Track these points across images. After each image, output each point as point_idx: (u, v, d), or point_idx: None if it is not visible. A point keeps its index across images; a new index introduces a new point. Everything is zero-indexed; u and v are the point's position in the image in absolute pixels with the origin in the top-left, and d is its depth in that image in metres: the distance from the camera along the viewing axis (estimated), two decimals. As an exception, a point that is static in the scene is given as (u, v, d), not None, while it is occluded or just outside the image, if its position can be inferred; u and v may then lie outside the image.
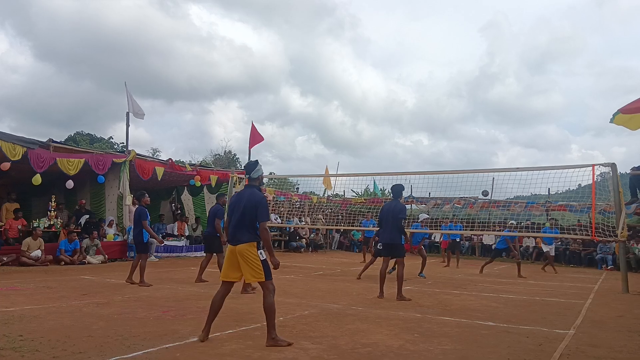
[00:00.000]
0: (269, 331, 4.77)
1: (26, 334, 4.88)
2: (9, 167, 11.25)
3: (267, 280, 4.83)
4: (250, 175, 5.20)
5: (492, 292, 9.73)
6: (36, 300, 7.06)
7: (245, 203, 4.96)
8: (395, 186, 8.78)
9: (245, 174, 5.30)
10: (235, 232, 4.95)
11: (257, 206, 4.91)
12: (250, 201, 4.95)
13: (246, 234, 4.89)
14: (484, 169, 14.26)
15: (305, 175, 20.63)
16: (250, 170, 5.21)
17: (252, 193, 5.05)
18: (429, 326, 6.01)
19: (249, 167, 5.24)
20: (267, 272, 4.85)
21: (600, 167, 10.54)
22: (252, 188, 5.15)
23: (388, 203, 8.82)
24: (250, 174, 5.20)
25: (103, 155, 14.05)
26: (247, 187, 5.21)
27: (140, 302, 7.19)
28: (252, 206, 4.92)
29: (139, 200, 9.47)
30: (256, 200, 4.95)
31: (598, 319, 6.95)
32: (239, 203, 5.03)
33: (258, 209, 4.90)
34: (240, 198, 5.09)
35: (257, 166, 5.26)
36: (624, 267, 10.40)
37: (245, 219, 4.92)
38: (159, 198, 19.05)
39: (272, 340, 4.72)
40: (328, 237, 24.10)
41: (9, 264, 11.46)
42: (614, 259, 16.53)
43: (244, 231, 4.90)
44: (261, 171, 5.31)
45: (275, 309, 4.84)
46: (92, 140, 46.01)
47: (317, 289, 9.42)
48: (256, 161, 5.34)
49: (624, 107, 10.60)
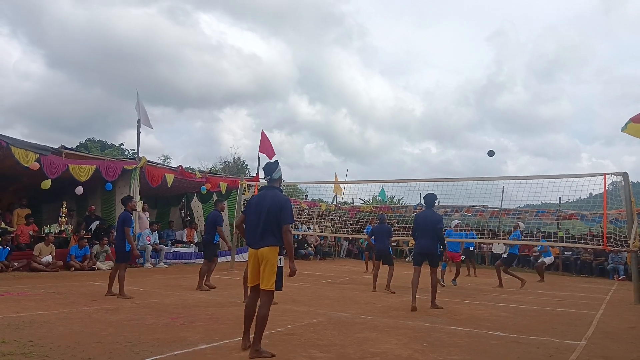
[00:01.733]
0: (255, 342, 4.59)
1: (36, 340, 4.91)
2: (39, 167, 11.34)
3: (275, 290, 4.72)
4: (272, 176, 5.06)
5: (501, 301, 9.65)
6: (46, 305, 7.11)
7: (268, 205, 4.80)
8: (428, 195, 8.60)
9: (265, 175, 5.14)
10: (258, 235, 4.79)
11: (282, 208, 4.77)
12: (273, 203, 4.79)
13: (269, 237, 4.74)
14: (493, 177, 14.15)
15: (314, 182, 20.64)
16: (271, 171, 5.06)
17: (275, 194, 4.89)
18: (438, 336, 5.97)
19: (270, 168, 5.08)
20: (279, 282, 4.71)
21: (612, 176, 10.46)
22: (274, 189, 4.99)
23: (423, 212, 8.62)
24: (272, 175, 5.05)
25: (114, 161, 14.16)
26: (268, 189, 5.03)
27: (149, 308, 7.21)
28: (276, 208, 4.76)
29: (124, 204, 8.86)
30: (280, 202, 4.80)
31: (610, 330, 6.86)
32: (261, 205, 4.85)
33: (282, 210, 4.76)
34: (262, 200, 4.90)
35: (278, 167, 5.11)
36: (636, 277, 10.26)
37: (268, 221, 4.76)
38: (168, 205, 19.16)
39: (256, 353, 4.54)
40: (336, 244, 24.05)
41: (20, 269, 11.55)
42: (626, 269, 16.30)
43: (267, 234, 4.75)
44: (281, 172, 5.15)
45: (267, 321, 4.68)
46: (103, 147, 46.40)
47: (326, 297, 9.40)
48: (276, 162, 5.18)
49: (635, 116, 10.52)
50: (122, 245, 8.51)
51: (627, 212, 10.20)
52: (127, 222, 8.47)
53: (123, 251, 8.51)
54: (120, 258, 8.61)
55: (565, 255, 19.27)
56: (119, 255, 8.65)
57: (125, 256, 8.56)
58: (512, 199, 16.20)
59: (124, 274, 8.41)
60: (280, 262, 4.72)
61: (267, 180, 5.13)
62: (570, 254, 19.14)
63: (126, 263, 8.64)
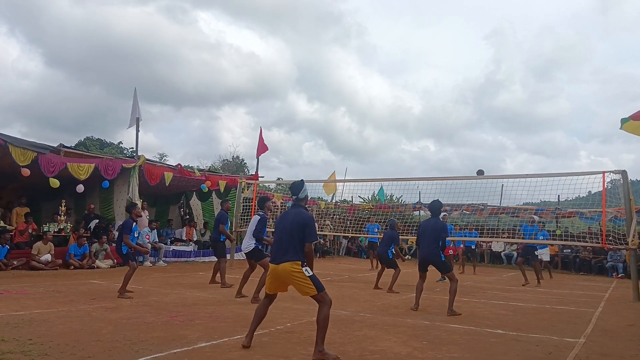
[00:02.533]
0: (317, 344, 4.56)
1: (35, 338, 4.91)
2: (29, 174, 11.33)
3: (320, 292, 4.70)
4: (298, 196, 5.17)
5: (501, 299, 9.67)
6: (46, 304, 7.11)
7: (291, 223, 4.89)
8: (434, 203, 8.42)
9: (291, 195, 5.27)
10: (279, 251, 4.87)
11: (305, 226, 4.84)
12: (296, 221, 4.88)
13: (290, 253, 4.79)
14: (493, 176, 14.18)
15: (314, 181, 20.61)
16: (297, 191, 5.17)
17: (299, 212, 4.99)
18: (438, 334, 5.98)
19: (296, 188, 5.18)
20: (318, 284, 4.73)
21: (611, 174, 10.46)
22: (299, 207, 5.10)
23: (427, 220, 8.44)
24: (298, 195, 5.17)
25: (113, 160, 14.14)
26: (293, 207, 5.16)
27: (149, 307, 7.21)
28: (299, 226, 4.83)
29: (129, 212, 8.98)
30: (304, 219, 4.88)
31: (609, 327, 6.87)
32: (284, 223, 4.97)
33: (305, 229, 4.83)
34: (285, 218, 5.04)
35: (304, 187, 5.20)
36: (634, 275, 10.28)
37: (290, 238, 4.83)
38: (167, 203, 19.15)
39: (320, 354, 4.51)
40: (335, 243, 24.07)
41: (19, 268, 11.54)
42: (625, 266, 16.34)
43: (288, 250, 4.81)
44: (307, 191, 5.29)
45: (328, 322, 4.64)
46: (102, 145, 46.28)
47: (325, 295, 9.38)
48: (302, 181, 5.24)
49: (635, 113, 10.51)
50: (118, 248, 8.64)
51: (626, 210, 10.21)
52: (125, 230, 8.47)
53: (121, 253, 8.68)
54: (123, 259, 8.94)
55: (564, 253, 19.31)
56: (122, 257, 8.87)
57: (125, 258, 8.69)
58: (511, 197, 16.16)
59: (131, 273, 8.40)
60: (308, 272, 4.75)
61: (294, 200, 5.24)
62: (569, 252, 19.18)
63: (134, 262, 8.60)
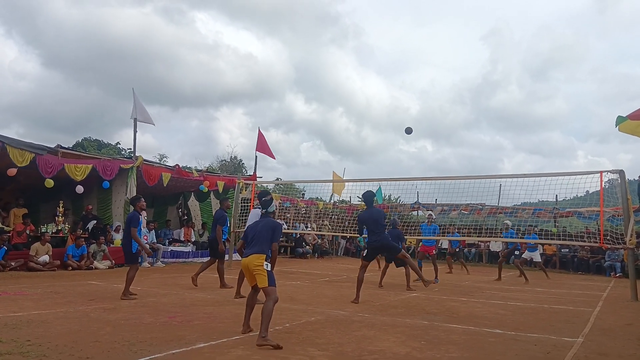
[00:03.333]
0: (261, 331, 4.96)
1: (34, 339, 4.90)
2: (15, 173, 11.31)
3: (270, 287, 5.26)
4: (267, 210, 5.83)
5: (499, 299, 9.68)
6: (44, 305, 7.09)
7: (261, 226, 5.57)
8: (366, 193, 9.02)
9: (262, 209, 5.89)
10: (248, 248, 5.51)
11: (274, 229, 5.55)
12: (266, 225, 5.57)
13: (256, 247, 5.43)
14: (490, 175, 14.18)
15: (312, 181, 20.67)
16: (267, 206, 5.84)
17: (268, 220, 5.69)
18: (436, 333, 5.98)
19: (265, 203, 5.86)
20: (271, 278, 5.32)
21: (609, 174, 10.48)
22: (269, 218, 5.78)
23: (367, 211, 9.00)
24: (267, 209, 5.83)
25: (111, 161, 14.12)
26: (264, 216, 5.82)
27: (147, 307, 7.20)
28: (268, 228, 5.52)
29: (133, 204, 8.63)
30: (274, 224, 5.61)
31: (607, 327, 6.89)
32: (255, 227, 5.61)
33: (274, 231, 5.54)
34: (256, 224, 5.67)
35: (272, 202, 5.90)
36: (632, 274, 10.30)
37: (260, 238, 5.47)
38: (166, 204, 19.11)
39: (262, 339, 4.90)
40: (334, 243, 24.07)
41: (17, 269, 11.51)
42: (623, 266, 16.38)
43: (257, 246, 5.44)
44: (275, 207, 6.07)
45: (271, 315, 5.12)
46: (99, 146, 46.19)
47: (324, 295, 9.40)
48: (271, 198, 5.93)
49: (632, 113, 10.52)
50: (127, 245, 8.33)
51: (624, 209, 10.23)
52: (133, 222, 8.29)
53: (129, 251, 8.34)
54: (127, 259, 8.57)
55: (562, 252, 19.33)
56: (126, 256, 8.60)
57: (133, 257, 8.39)
58: (509, 197, 16.17)
59: (133, 274, 8.26)
60: (267, 267, 5.36)
61: (263, 213, 5.89)
62: (567, 251, 19.20)
63: (135, 264, 8.43)
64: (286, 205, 21.53)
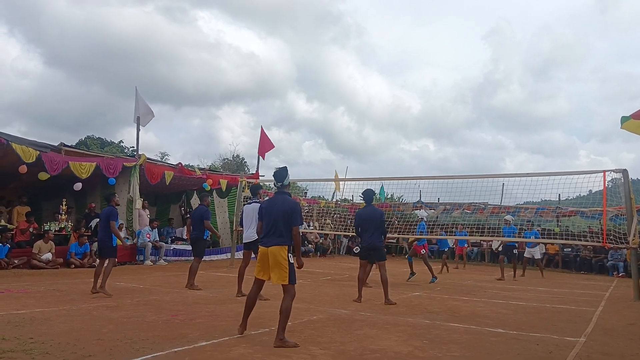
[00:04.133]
0: (279, 332, 4.93)
1: (36, 337, 4.92)
2: (26, 170, 11.33)
3: (291, 284, 5.09)
4: (283, 183, 5.46)
5: (501, 298, 9.66)
6: (46, 303, 7.12)
7: (278, 209, 5.23)
8: (366, 191, 8.88)
9: (275, 182, 5.50)
10: (268, 236, 5.20)
11: (292, 212, 5.20)
12: (283, 207, 5.22)
13: (279, 237, 5.14)
14: (493, 174, 14.17)
15: (315, 180, 20.64)
16: (281, 178, 5.46)
17: (285, 199, 5.33)
18: (438, 332, 5.98)
19: (280, 176, 5.47)
20: (292, 276, 5.11)
21: (612, 173, 10.45)
22: (284, 194, 5.41)
23: (364, 209, 8.87)
24: (283, 182, 5.45)
25: (114, 159, 14.14)
26: (278, 194, 5.45)
27: (149, 305, 7.22)
28: (285, 211, 5.18)
29: (108, 200, 8.70)
30: (290, 206, 5.24)
31: (609, 326, 6.87)
32: (272, 208, 5.29)
33: (292, 214, 5.19)
34: (272, 204, 5.35)
35: (287, 174, 5.51)
36: (635, 274, 10.27)
37: (278, 223, 5.17)
38: (168, 202, 19.16)
39: (280, 342, 4.87)
40: (336, 242, 24.06)
41: (20, 267, 11.56)
42: (625, 265, 16.31)
43: (277, 235, 5.16)
44: (289, 179, 5.57)
45: (290, 313, 5.05)
46: (102, 144, 46.33)
47: (326, 294, 9.41)
48: (285, 168, 5.57)
49: (636, 112, 10.49)
50: (107, 240, 8.29)
51: (627, 209, 10.20)
52: (112, 216, 8.27)
53: (109, 246, 8.31)
54: (106, 253, 8.38)
55: (565, 252, 19.29)
56: (105, 250, 8.41)
57: (112, 251, 8.35)
58: (512, 196, 16.18)
59: (110, 268, 8.24)
60: (291, 259, 5.12)
61: (278, 187, 5.51)
62: (569, 251, 19.15)
63: (114, 258, 8.42)
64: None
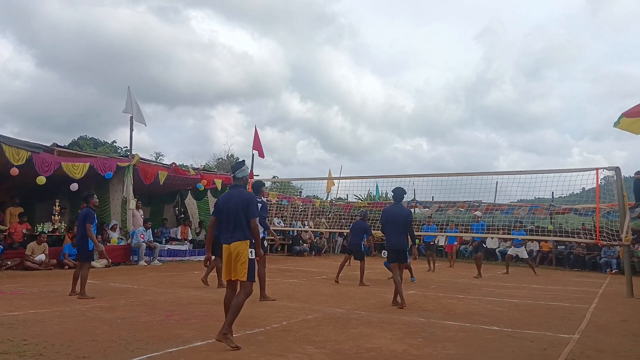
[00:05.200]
0: (225, 327, 4.82)
1: (30, 338, 4.89)
2: (17, 173, 11.26)
3: (249, 281, 5.01)
4: (235, 175, 5.35)
5: (496, 296, 9.70)
6: (40, 304, 7.07)
7: (235, 203, 5.12)
8: (397, 189, 8.36)
9: (230, 174, 5.41)
10: (229, 232, 5.10)
11: (248, 204, 5.10)
12: (240, 200, 5.11)
13: (240, 232, 5.06)
14: (487, 172, 14.23)
15: (309, 179, 20.66)
16: (235, 170, 5.37)
17: (240, 192, 5.23)
18: (433, 330, 6.00)
19: (235, 167, 5.41)
20: (252, 272, 5.02)
21: (605, 171, 10.53)
22: (239, 188, 5.31)
23: (392, 207, 8.36)
24: (236, 174, 5.35)
25: (107, 159, 14.08)
26: (233, 187, 5.35)
27: (144, 306, 7.19)
28: (243, 205, 5.08)
29: (86, 201, 8.35)
30: (246, 198, 5.14)
31: (603, 323, 6.92)
32: (229, 203, 5.16)
33: (249, 206, 5.09)
34: (229, 199, 5.22)
35: (243, 166, 5.43)
36: (628, 271, 10.35)
37: (237, 218, 5.07)
38: (162, 202, 19.10)
39: (224, 337, 4.76)
40: (331, 241, 24.08)
41: (13, 268, 11.47)
42: (618, 262, 16.44)
43: (237, 230, 5.07)
44: (247, 171, 5.45)
45: (240, 310, 4.96)
46: (96, 145, 46.12)
47: (321, 293, 9.41)
48: (243, 161, 5.54)
49: (628, 110, 10.56)
50: (83, 244, 8.07)
51: (620, 206, 10.27)
52: (88, 219, 8.03)
53: (85, 249, 8.08)
54: (81, 257, 8.18)
55: (558, 249, 19.40)
56: (80, 254, 8.23)
57: (88, 255, 8.17)
58: (505, 194, 16.27)
59: (86, 273, 7.99)
60: (252, 255, 5.04)
61: (232, 179, 5.43)
62: (563, 248, 19.26)
63: (89, 262, 8.24)
64: (283, 203, 21.55)
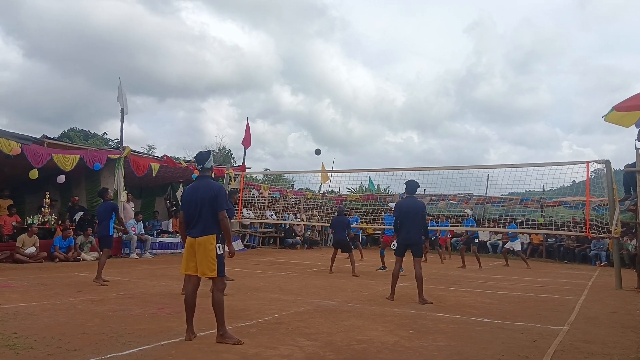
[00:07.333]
0: (218, 328, 4.74)
1: (20, 331, 4.86)
2: (20, 152, 11.11)
3: (219, 277, 4.82)
4: (204, 166, 5.09)
5: (486, 288, 9.77)
6: (30, 297, 7.03)
7: (202, 195, 4.87)
8: (411, 182, 8.08)
9: (197, 165, 5.15)
10: (195, 225, 4.88)
11: (216, 195, 4.84)
12: (207, 192, 4.87)
13: (206, 226, 4.83)
14: (478, 165, 14.27)
15: (301, 172, 20.62)
16: (203, 161, 5.09)
17: (208, 183, 4.98)
18: (424, 322, 6.03)
19: (201, 158, 5.11)
20: (221, 267, 4.82)
21: (595, 164, 10.60)
22: (206, 179, 5.07)
23: (407, 200, 8.07)
24: (204, 165, 5.09)
25: (98, 151, 13.97)
26: (200, 179, 5.10)
27: (135, 299, 7.17)
28: (210, 197, 4.83)
29: (102, 196, 9.33)
30: (214, 190, 4.88)
31: (592, 315, 6.99)
32: (195, 196, 4.92)
33: (217, 198, 4.84)
34: (195, 190, 4.98)
35: (209, 157, 5.16)
36: (617, 263, 10.45)
37: (203, 211, 4.84)
38: (153, 194, 18.99)
39: (221, 337, 4.70)
40: (323, 233, 24.11)
41: (2, 261, 11.38)
42: (608, 255, 16.61)
43: (204, 223, 4.84)
44: (213, 162, 5.21)
45: (223, 306, 4.78)
46: (86, 136, 45.74)
47: (313, 285, 9.43)
48: (209, 151, 5.30)
49: (619, 104, 10.62)
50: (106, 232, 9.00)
51: (609, 199, 10.35)
52: (117, 209, 9.22)
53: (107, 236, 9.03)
54: (102, 244, 9.17)
55: (548, 242, 19.56)
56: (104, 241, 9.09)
57: (109, 242, 9.11)
58: (496, 187, 16.33)
59: (104, 260, 8.84)
60: (220, 250, 4.82)
61: (199, 170, 5.15)
62: (553, 240, 19.42)
63: (109, 249, 9.22)
64: (276, 195, 21.52)
